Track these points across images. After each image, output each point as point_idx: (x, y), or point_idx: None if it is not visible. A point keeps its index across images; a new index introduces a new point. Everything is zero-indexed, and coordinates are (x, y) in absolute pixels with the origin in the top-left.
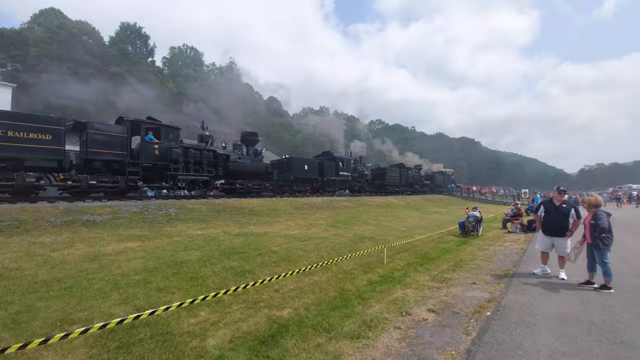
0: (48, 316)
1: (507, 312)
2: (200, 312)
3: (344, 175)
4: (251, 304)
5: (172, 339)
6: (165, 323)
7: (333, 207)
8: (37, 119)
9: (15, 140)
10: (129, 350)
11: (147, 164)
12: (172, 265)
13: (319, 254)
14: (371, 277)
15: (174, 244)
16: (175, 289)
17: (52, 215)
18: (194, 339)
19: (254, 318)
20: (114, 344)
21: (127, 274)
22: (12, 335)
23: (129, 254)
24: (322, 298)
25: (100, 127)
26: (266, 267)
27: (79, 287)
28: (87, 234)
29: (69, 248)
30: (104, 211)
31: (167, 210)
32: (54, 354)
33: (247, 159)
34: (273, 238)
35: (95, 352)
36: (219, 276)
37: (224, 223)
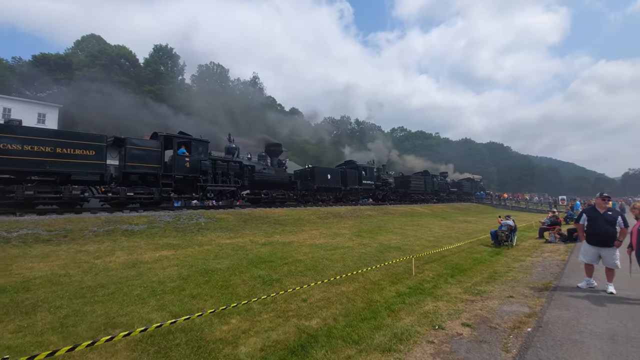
0: (93, 320)
1: (550, 328)
2: (231, 320)
3: (367, 183)
4: (280, 313)
5: (206, 345)
6: (199, 329)
7: (357, 216)
8: (81, 137)
9: (62, 156)
10: (167, 355)
11: (179, 176)
12: (204, 273)
13: (345, 263)
14: (399, 288)
15: (205, 253)
16: (207, 297)
17: (95, 225)
18: (227, 346)
19: (283, 327)
20: (153, 348)
21: (163, 281)
22: (61, 338)
23: (164, 262)
24: (350, 309)
25: (137, 143)
26: (293, 277)
27: (120, 293)
28: (126, 243)
29: (111, 256)
30: (141, 221)
31: (197, 220)
32: (99, 357)
33: (271, 170)
34: (299, 247)
35: (136, 356)
36: (248, 285)
37: (251, 232)
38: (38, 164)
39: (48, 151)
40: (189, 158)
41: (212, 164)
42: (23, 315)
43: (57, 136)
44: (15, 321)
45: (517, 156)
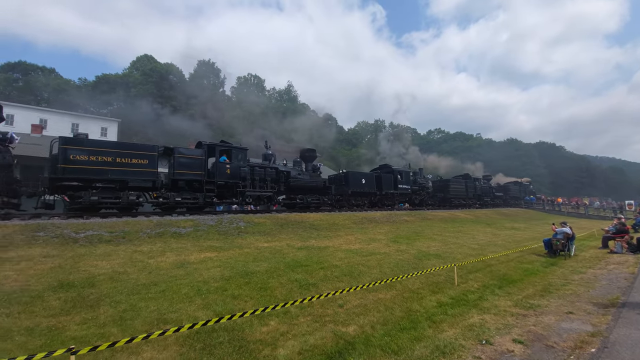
0: (147, 315)
1: (617, 349)
2: (270, 322)
3: (403, 188)
4: (317, 317)
5: (246, 345)
6: (240, 329)
7: (393, 222)
8: (137, 147)
9: (121, 165)
10: (211, 352)
11: (221, 182)
12: (244, 275)
13: (382, 270)
14: (441, 298)
15: (245, 255)
16: (248, 298)
17: (148, 227)
18: (266, 348)
19: (320, 332)
20: (199, 344)
21: (207, 281)
22: (120, 330)
23: (208, 263)
24: (388, 317)
25: (183, 152)
26: (329, 282)
27: (170, 291)
28: (175, 244)
29: (162, 256)
30: (187, 224)
31: (237, 223)
32: (152, 349)
33: (306, 175)
34: (334, 252)
35: (184, 351)
36: (285, 288)
37: (287, 236)
38: (101, 172)
39: (109, 161)
40: (230, 165)
41: (251, 170)
42: (88, 308)
43: (116, 147)
44: (81, 314)
45: (573, 156)
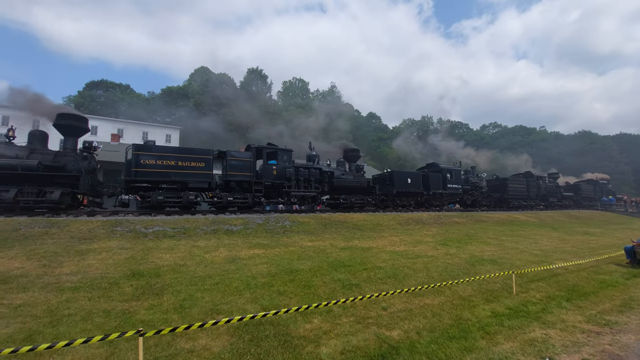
0: (203, 305)
1: None
2: (313, 319)
3: (453, 187)
4: (359, 318)
5: (291, 340)
6: (285, 324)
7: (442, 223)
8: (195, 151)
9: (182, 168)
10: (258, 344)
11: (268, 182)
12: (289, 272)
13: (429, 274)
14: (496, 307)
15: (290, 253)
16: (292, 294)
17: (204, 224)
18: (309, 345)
19: (362, 334)
20: (247, 336)
21: (256, 277)
22: (180, 317)
23: (256, 260)
24: (435, 324)
25: (235, 154)
26: (372, 283)
27: (222, 284)
28: (227, 241)
29: (216, 251)
30: (238, 222)
31: (283, 222)
32: (206, 336)
33: (349, 175)
34: (378, 253)
35: (234, 340)
36: (328, 287)
37: (331, 236)
38: (166, 174)
39: (172, 164)
40: (276, 166)
41: (295, 171)
42: (154, 296)
43: (178, 152)
44: (149, 300)
45: None
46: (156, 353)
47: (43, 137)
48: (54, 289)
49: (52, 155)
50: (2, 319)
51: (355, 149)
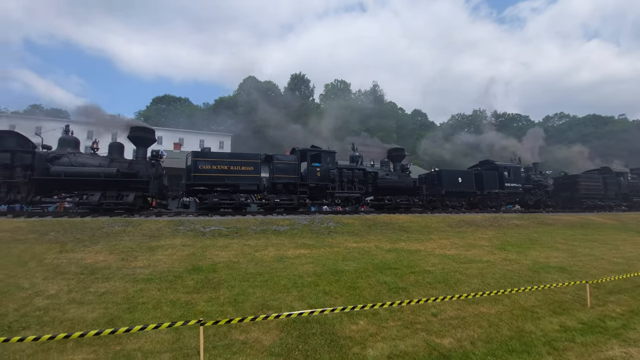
0: (254, 300)
1: None
2: (359, 321)
3: (511, 186)
4: (407, 323)
5: (337, 340)
6: (331, 324)
7: (499, 226)
8: (245, 156)
9: (234, 172)
10: (306, 341)
11: (312, 184)
12: (334, 273)
13: (484, 280)
14: (566, 321)
15: (335, 254)
16: (338, 295)
17: (254, 224)
18: (356, 346)
19: (411, 339)
20: (295, 332)
21: (302, 276)
22: (234, 310)
23: (302, 259)
24: (492, 335)
25: (281, 158)
26: (420, 287)
27: (271, 282)
28: (275, 240)
29: (264, 250)
30: (285, 223)
31: (327, 223)
32: (257, 330)
33: (394, 175)
34: (426, 257)
35: (283, 336)
36: (374, 289)
37: (376, 238)
38: (220, 178)
39: (225, 169)
40: (320, 168)
41: (339, 172)
42: (212, 289)
43: (230, 157)
44: (207, 293)
45: None
46: (214, 342)
47: (120, 148)
48: (131, 279)
49: (127, 163)
50: (89, 305)
51: (399, 148)
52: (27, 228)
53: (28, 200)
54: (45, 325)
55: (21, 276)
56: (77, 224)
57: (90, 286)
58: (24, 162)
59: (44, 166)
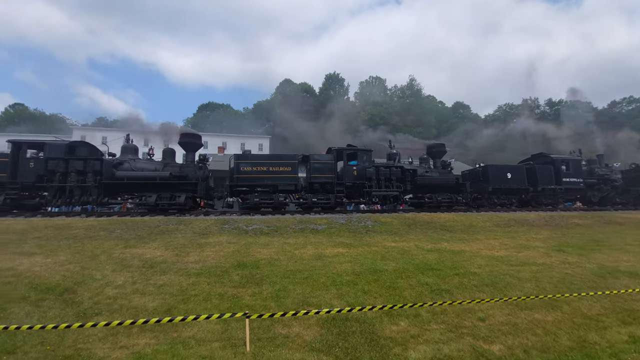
0: (295, 297)
1: None
2: (400, 322)
3: (570, 182)
4: (451, 326)
5: (377, 339)
6: (371, 323)
7: (556, 225)
8: (283, 157)
9: (273, 173)
10: (346, 338)
11: (349, 183)
12: (373, 272)
13: (539, 284)
14: (636, 331)
15: (373, 253)
16: (377, 294)
17: (293, 223)
18: (397, 346)
19: (455, 343)
20: (335, 329)
21: (340, 274)
22: (276, 305)
23: (340, 258)
24: (548, 344)
25: (317, 158)
26: (465, 290)
27: (310, 279)
28: (313, 239)
29: (303, 248)
30: (322, 222)
31: (365, 222)
32: (298, 325)
33: (434, 172)
34: (471, 258)
35: (323, 332)
36: (415, 290)
37: (416, 237)
38: (260, 179)
39: (265, 170)
40: (356, 167)
41: (376, 170)
42: (255, 284)
43: (269, 159)
44: (251, 288)
45: None
46: (259, 334)
47: (172, 153)
48: (184, 273)
49: (178, 167)
50: (150, 295)
51: (440, 143)
52: (98, 226)
53: (98, 202)
54: (114, 312)
55: (94, 268)
56: (138, 222)
57: (150, 278)
58: (94, 168)
59: (110, 171)
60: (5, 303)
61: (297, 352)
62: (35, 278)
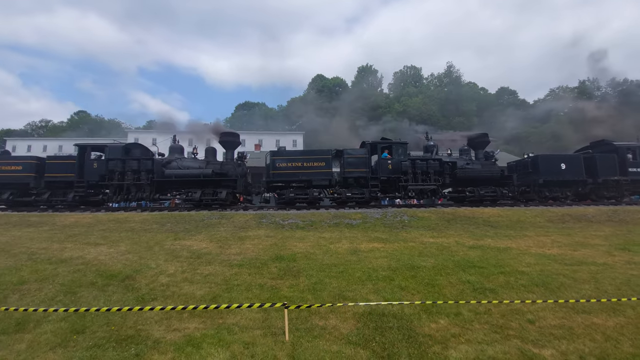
0: (331, 290)
1: None
2: (439, 320)
3: (638, 172)
4: (496, 327)
5: (415, 336)
6: (408, 319)
7: (619, 221)
8: (317, 153)
9: (307, 168)
10: (383, 334)
11: (384, 177)
12: (410, 268)
13: (599, 286)
14: None
15: (410, 249)
16: (415, 291)
17: (327, 218)
18: (436, 345)
19: (501, 345)
20: (372, 324)
21: (376, 269)
22: (313, 297)
23: (375, 253)
24: (608, 350)
25: (351, 152)
26: (512, 290)
27: (346, 273)
28: (348, 234)
29: (338, 242)
30: (357, 216)
31: (401, 217)
32: (335, 318)
33: (476, 164)
34: (519, 256)
35: (360, 326)
36: (456, 288)
37: (456, 233)
38: (295, 175)
39: (299, 165)
40: (391, 160)
41: (412, 163)
42: (292, 277)
43: (303, 154)
44: (289, 280)
45: None
46: (297, 324)
47: (214, 152)
48: (227, 264)
49: (219, 165)
50: (198, 284)
51: (482, 133)
52: (151, 220)
53: (150, 198)
54: (167, 298)
55: (149, 258)
56: (185, 217)
57: (197, 268)
58: (146, 167)
59: (160, 170)
60: (76, 287)
61: (334, 344)
62: (101, 266)
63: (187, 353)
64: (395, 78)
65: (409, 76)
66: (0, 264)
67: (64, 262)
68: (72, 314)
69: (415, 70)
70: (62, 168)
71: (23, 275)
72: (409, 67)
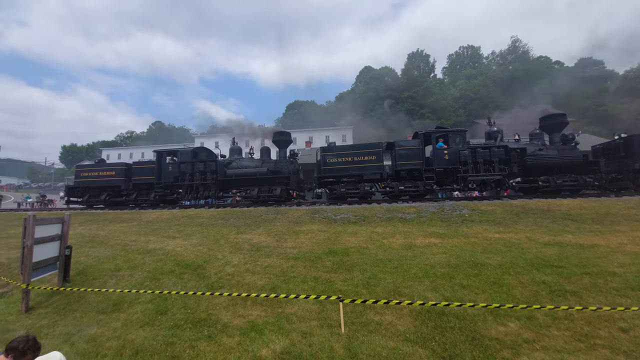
0: (385, 285)
1: None
2: (509, 323)
3: None
4: (579, 335)
5: (480, 339)
6: (472, 320)
7: None
8: (367, 146)
9: (358, 163)
10: (443, 334)
11: (440, 169)
12: (473, 265)
13: None
14: None
15: (472, 245)
16: (479, 290)
17: (379, 212)
18: (505, 350)
19: (585, 355)
20: (431, 323)
21: (434, 266)
22: (367, 292)
23: (433, 249)
24: None
25: (403, 144)
26: (600, 293)
27: (401, 269)
28: (402, 228)
29: (392, 237)
30: (411, 211)
31: (460, 211)
32: (391, 314)
33: (551, 149)
34: (609, 254)
35: (417, 324)
36: (528, 289)
37: (527, 228)
38: (345, 170)
39: (350, 160)
40: (447, 150)
41: (472, 152)
42: (346, 271)
43: (353, 149)
44: (343, 274)
45: None
46: (352, 318)
47: (268, 151)
48: (283, 257)
49: (273, 163)
50: (258, 274)
51: (558, 113)
52: (217, 216)
53: (215, 196)
54: (232, 286)
55: (216, 250)
56: (245, 212)
57: (257, 260)
58: (211, 168)
59: (223, 170)
60: (159, 274)
61: (391, 340)
62: (178, 256)
63: (252, 338)
64: (450, 61)
65: (465, 57)
66: (101, 254)
67: (149, 252)
68: (157, 297)
69: (473, 50)
70: (145, 172)
71: (118, 263)
72: (465, 47)
